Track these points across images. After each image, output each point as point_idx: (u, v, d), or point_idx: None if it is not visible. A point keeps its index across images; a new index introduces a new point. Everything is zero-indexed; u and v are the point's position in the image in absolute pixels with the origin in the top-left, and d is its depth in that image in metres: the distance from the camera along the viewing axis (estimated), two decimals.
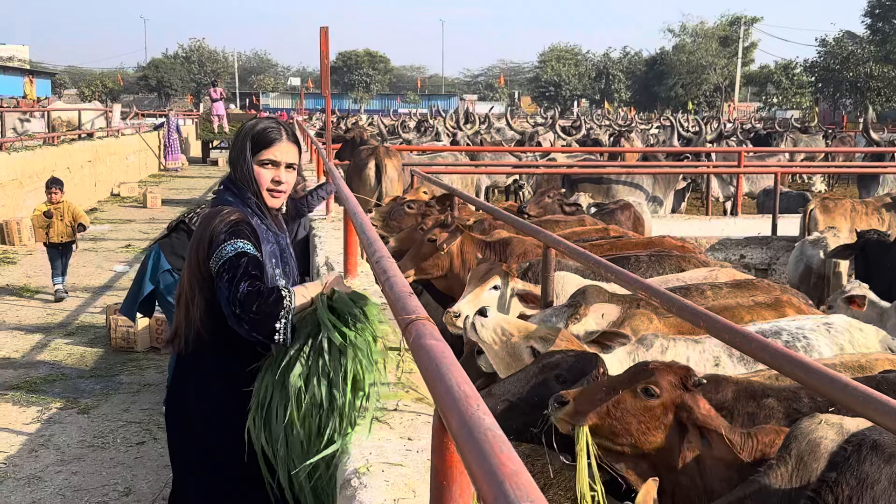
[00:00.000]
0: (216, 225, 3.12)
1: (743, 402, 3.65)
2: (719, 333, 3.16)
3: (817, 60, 62.41)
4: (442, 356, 1.81)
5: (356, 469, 2.59)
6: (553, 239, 5.30)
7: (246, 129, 3.36)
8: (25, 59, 68.17)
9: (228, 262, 3.02)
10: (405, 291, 2.49)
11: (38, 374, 7.68)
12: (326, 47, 8.36)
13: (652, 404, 3.08)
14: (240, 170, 3.30)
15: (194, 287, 3.19)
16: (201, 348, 3.22)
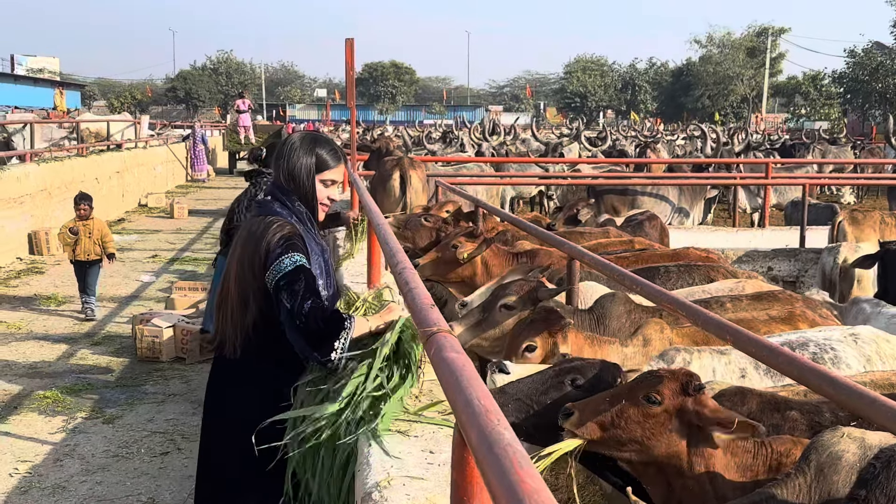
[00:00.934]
0: (271, 237, 3.19)
1: (768, 414, 3.61)
2: (746, 347, 3.12)
3: (846, 71, 61.86)
4: (462, 369, 1.79)
5: (377, 482, 2.57)
6: (577, 251, 5.27)
7: (308, 144, 3.44)
8: (56, 71, 69.04)
9: (289, 276, 3.11)
10: (427, 303, 2.47)
11: (65, 384, 7.73)
12: (352, 59, 8.41)
13: (655, 411, 3.07)
14: (300, 184, 3.39)
15: (247, 295, 3.25)
16: (249, 355, 3.30)
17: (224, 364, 3.40)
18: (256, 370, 3.32)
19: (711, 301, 5.03)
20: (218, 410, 3.44)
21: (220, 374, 3.46)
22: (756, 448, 3.22)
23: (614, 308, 4.71)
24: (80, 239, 10.06)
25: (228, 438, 3.35)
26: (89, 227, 10.17)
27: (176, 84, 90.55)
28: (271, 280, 3.15)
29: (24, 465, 6.01)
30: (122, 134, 24.66)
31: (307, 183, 3.40)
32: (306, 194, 3.40)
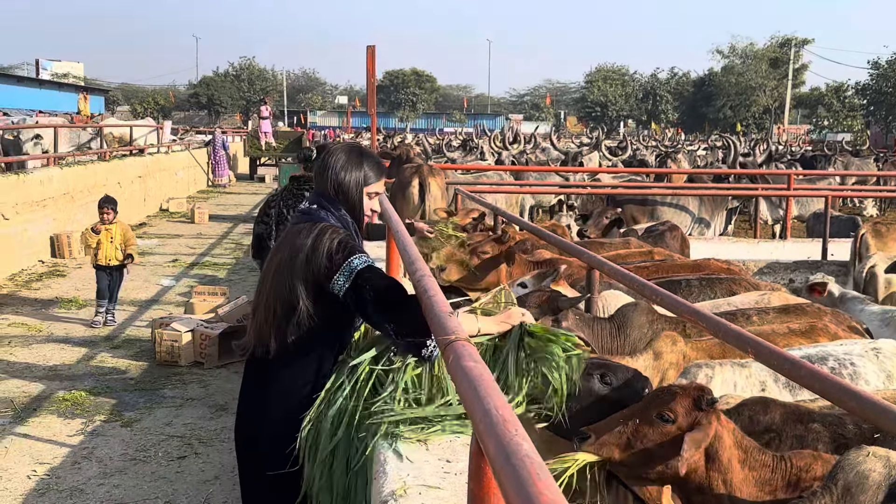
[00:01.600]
0: (330, 243, 3.23)
1: (791, 425, 3.59)
2: (767, 360, 3.09)
3: (869, 83, 61.50)
4: (480, 378, 1.78)
5: (393, 491, 2.56)
6: (597, 260, 5.25)
7: (356, 157, 3.49)
8: (80, 76, 69.63)
9: (366, 272, 3.16)
10: (445, 311, 2.47)
11: (84, 387, 7.76)
12: (373, 66, 8.44)
13: (669, 429, 3.04)
14: (349, 195, 3.44)
15: (296, 297, 3.25)
16: (284, 355, 3.32)
17: (258, 368, 3.43)
18: (291, 374, 3.35)
19: (738, 314, 4.99)
20: (252, 414, 3.47)
21: (254, 378, 3.48)
22: (775, 463, 3.19)
23: (636, 318, 4.69)
24: (101, 243, 9.86)
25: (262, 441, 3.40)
26: (111, 231, 9.95)
27: (198, 90, 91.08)
28: (343, 281, 3.17)
29: (42, 466, 6.04)
30: (146, 139, 24.83)
31: (355, 194, 3.45)
32: (354, 206, 3.45)
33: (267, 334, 3.33)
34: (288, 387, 3.34)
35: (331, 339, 3.36)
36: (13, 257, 12.93)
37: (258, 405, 3.43)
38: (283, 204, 5.81)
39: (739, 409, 3.56)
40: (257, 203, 23.93)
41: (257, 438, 3.43)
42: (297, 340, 3.30)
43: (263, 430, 3.40)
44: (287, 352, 3.32)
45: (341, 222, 3.39)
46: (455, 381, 1.89)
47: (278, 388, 3.36)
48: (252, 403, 3.47)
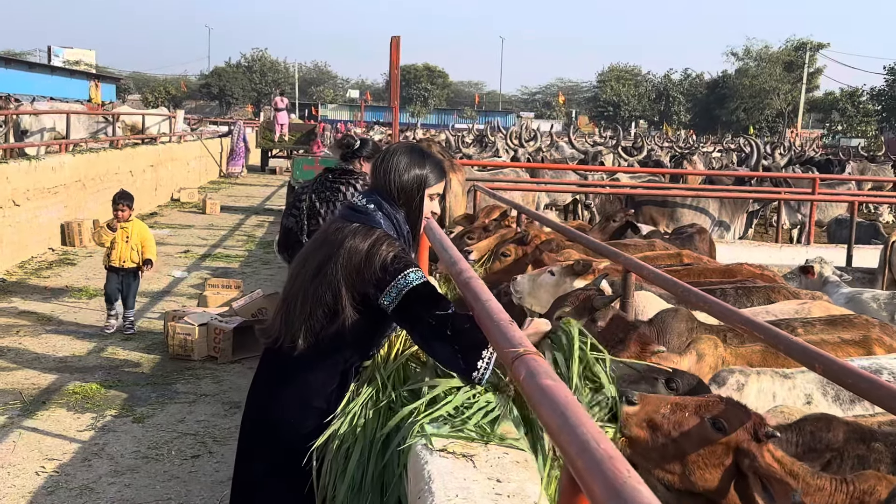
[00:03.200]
0: (385, 253, 3.11)
1: (853, 445, 3.38)
2: (838, 377, 2.87)
3: (884, 89, 61.07)
4: (568, 403, 1.57)
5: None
6: (634, 263, 5.03)
7: (418, 157, 3.37)
8: (92, 64, 69.45)
9: (421, 289, 3.05)
10: (505, 319, 2.26)
11: (94, 380, 7.57)
12: (397, 57, 8.21)
13: (715, 438, 2.82)
14: (410, 197, 3.32)
15: (339, 299, 3.14)
16: (310, 353, 3.20)
17: (278, 359, 3.31)
18: (313, 372, 3.24)
19: (781, 325, 4.76)
20: (264, 407, 3.36)
21: (272, 368, 3.36)
22: (834, 486, 2.96)
23: (676, 324, 4.47)
24: (115, 242, 9.06)
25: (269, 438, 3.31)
26: (127, 230, 9.10)
27: (210, 80, 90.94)
28: (395, 295, 3.06)
29: (52, 463, 5.85)
30: (158, 128, 24.67)
31: (416, 196, 3.33)
32: (414, 208, 3.34)
33: (298, 330, 3.19)
34: (311, 385, 3.24)
35: (363, 345, 3.28)
36: (23, 244, 12.76)
37: (275, 397, 3.31)
38: (315, 196, 5.59)
39: (801, 425, 3.35)
40: (269, 195, 23.75)
41: (273, 425, 3.30)
42: (329, 343, 3.20)
43: (276, 422, 3.29)
44: (316, 352, 3.21)
45: (395, 226, 3.29)
46: (532, 403, 1.68)
47: (300, 384, 3.25)
48: (269, 394, 3.34)
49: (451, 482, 2.51)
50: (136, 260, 9.13)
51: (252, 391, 3.47)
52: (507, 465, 2.64)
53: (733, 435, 2.85)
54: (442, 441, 2.79)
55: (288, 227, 5.96)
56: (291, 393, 3.26)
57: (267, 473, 3.32)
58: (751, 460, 2.80)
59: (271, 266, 13.02)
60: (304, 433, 3.18)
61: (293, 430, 3.21)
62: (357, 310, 3.14)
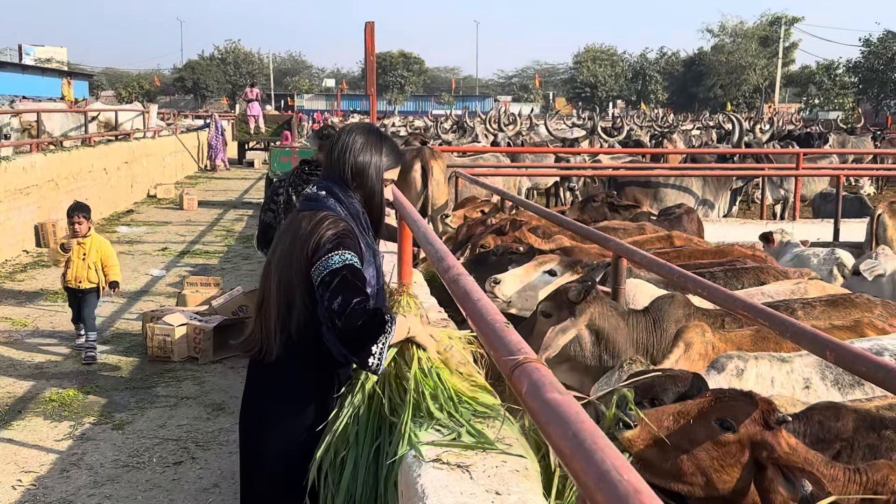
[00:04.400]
0: (323, 233, 3.01)
1: (864, 433, 3.24)
2: (852, 365, 2.70)
3: (861, 61, 61.22)
4: (580, 421, 1.38)
5: None
6: (625, 248, 4.86)
7: (376, 140, 3.24)
8: (64, 61, 68.66)
9: (335, 272, 2.93)
10: (500, 321, 2.06)
11: (72, 386, 7.34)
12: (372, 43, 7.99)
13: (727, 439, 2.67)
14: (368, 182, 3.18)
15: (294, 291, 3.06)
16: (292, 359, 3.12)
17: (263, 370, 3.20)
18: (299, 376, 3.14)
19: (780, 307, 4.60)
20: (258, 419, 3.24)
21: (260, 380, 3.26)
22: (847, 476, 2.81)
23: (673, 311, 4.30)
24: (71, 260, 8.03)
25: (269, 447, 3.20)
26: (84, 246, 8.07)
27: (184, 74, 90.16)
28: (316, 276, 2.96)
29: (29, 476, 5.62)
30: (132, 123, 24.30)
31: (375, 181, 3.19)
32: (373, 193, 3.19)
33: (276, 334, 3.09)
34: (301, 389, 3.14)
35: None
36: None
37: (263, 408, 3.21)
38: (291, 190, 5.40)
39: (809, 415, 3.20)
40: (247, 188, 23.46)
41: (262, 443, 3.20)
42: (307, 341, 3.07)
43: (268, 435, 3.18)
44: (297, 353, 3.10)
45: (350, 212, 3.15)
46: (539, 422, 1.49)
47: (290, 391, 3.15)
48: (257, 407, 3.25)
49: (446, 497, 2.33)
50: (94, 280, 8.09)
51: (244, 406, 3.34)
52: (507, 475, 2.46)
53: (744, 430, 2.69)
54: (435, 450, 2.61)
55: (266, 223, 5.77)
56: (283, 402, 3.15)
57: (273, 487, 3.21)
58: (769, 451, 2.65)
59: (251, 261, 12.78)
60: (304, 440, 3.09)
61: (292, 441, 3.12)
62: (310, 296, 3.03)
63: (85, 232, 8.11)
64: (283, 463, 3.16)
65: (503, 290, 5.02)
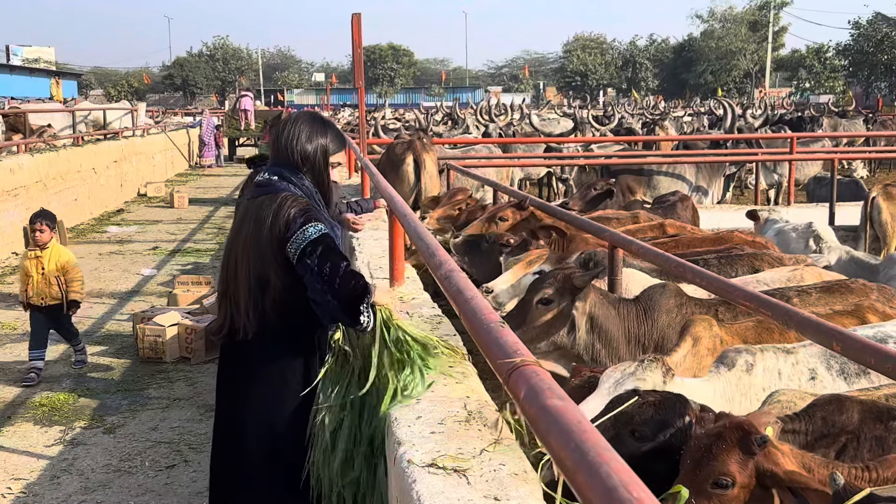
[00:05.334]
0: (288, 210, 3.17)
1: (869, 425, 3.14)
2: (861, 356, 2.61)
3: (850, 44, 61.15)
4: (583, 431, 1.28)
5: None
6: (621, 239, 4.77)
7: (319, 125, 3.43)
8: (52, 61, 68.40)
9: (316, 242, 3.10)
10: (494, 321, 1.96)
11: (62, 389, 7.23)
12: (359, 36, 7.87)
13: (731, 495, 2.54)
14: (315, 164, 3.36)
15: (267, 270, 3.20)
16: (265, 332, 3.24)
17: (237, 352, 3.34)
18: (277, 349, 3.27)
19: (775, 294, 4.50)
20: (234, 401, 3.36)
21: (233, 362, 3.38)
22: (853, 475, 2.72)
23: (664, 300, 4.21)
24: (29, 275, 7.37)
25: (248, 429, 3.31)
26: (42, 259, 7.35)
27: (172, 71, 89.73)
28: (295, 249, 3.13)
29: (18, 483, 5.51)
30: (120, 122, 24.11)
31: (321, 163, 3.37)
32: (321, 175, 3.38)
33: (246, 315, 3.23)
34: (278, 366, 3.27)
35: (308, 312, 3.22)
36: None
37: (243, 388, 3.32)
38: None
39: (810, 412, 3.10)
40: (238, 185, 23.31)
41: (248, 424, 3.30)
42: (278, 318, 3.23)
43: (253, 415, 3.29)
44: (270, 331, 3.24)
45: (304, 192, 3.32)
46: (538, 430, 1.39)
47: (267, 369, 3.28)
48: (235, 386, 3.35)
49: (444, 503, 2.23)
50: (56, 296, 7.36)
51: (219, 390, 3.47)
52: (505, 479, 2.36)
53: (739, 478, 2.55)
54: (429, 454, 2.51)
55: None
56: (261, 381, 3.27)
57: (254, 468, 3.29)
58: (771, 478, 2.53)
59: None
60: (286, 417, 3.23)
61: (273, 418, 3.24)
62: (283, 272, 3.18)
63: (46, 241, 7.42)
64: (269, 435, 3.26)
65: (498, 299, 4.92)
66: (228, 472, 3.39)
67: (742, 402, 3.72)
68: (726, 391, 3.71)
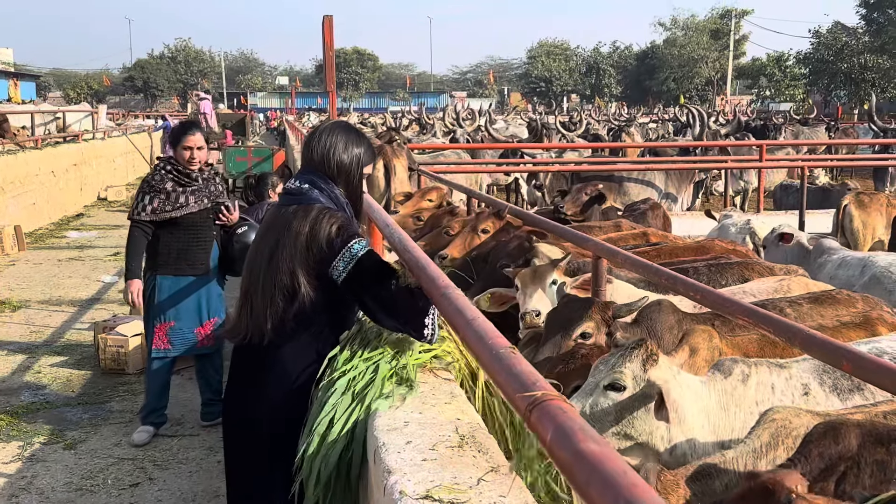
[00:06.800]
0: (328, 226, 3.14)
1: (870, 450, 3.00)
2: (877, 378, 2.47)
3: (811, 52, 61.93)
4: (631, 486, 1.12)
5: None
6: (606, 248, 4.62)
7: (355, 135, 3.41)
8: (10, 62, 67.12)
9: (366, 259, 3.10)
10: (504, 346, 1.80)
11: (20, 402, 6.95)
12: (331, 38, 7.68)
13: None
14: (351, 175, 3.34)
15: (297, 282, 3.17)
16: (288, 342, 3.23)
17: (251, 354, 3.33)
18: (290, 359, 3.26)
19: (767, 305, 4.39)
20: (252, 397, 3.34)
21: (248, 364, 3.37)
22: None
23: (665, 318, 4.07)
24: None
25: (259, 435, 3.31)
26: None
27: (133, 73, 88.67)
28: (343, 266, 3.11)
29: None
30: (80, 125, 23.64)
31: (356, 174, 3.35)
32: (355, 186, 3.36)
33: (264, 320, 3.23)
34: (289, 373, 3.26)
35: (331, 323, 3.28)
36: None
37: (258, 388, 3.31)
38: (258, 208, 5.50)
39: (806, 450, 2.94)
40: None
41: (259, 421, 3.30)
42: (297, 327, 3.23)
43: (265, 411, 3.29)
44: (286, 339, 3.24)
45: (336, 203, 3.30)
46: (576, 481, 1.23)
47: (279, 374, 3.27)
48: (251, 387, 3.34)
49: None
50: None
51: (229, 392, 3.49)
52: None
53: None
54: (423, 484, 2.34)
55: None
56: (272, 385, 3.27)
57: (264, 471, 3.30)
58: None
59: None
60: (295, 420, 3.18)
61: (282, 420, 3.23)
62: (313, 287, 3.17)
63: None
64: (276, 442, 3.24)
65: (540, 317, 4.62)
66: (242, 473, 3.42)
67: (737, 414, 3.60)
68: (722, 399, 3.59)
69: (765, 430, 3.23)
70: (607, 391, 3.25)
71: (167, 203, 5.91)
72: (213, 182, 6.20)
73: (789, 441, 3.19)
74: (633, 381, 3.24)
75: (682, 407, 3.27)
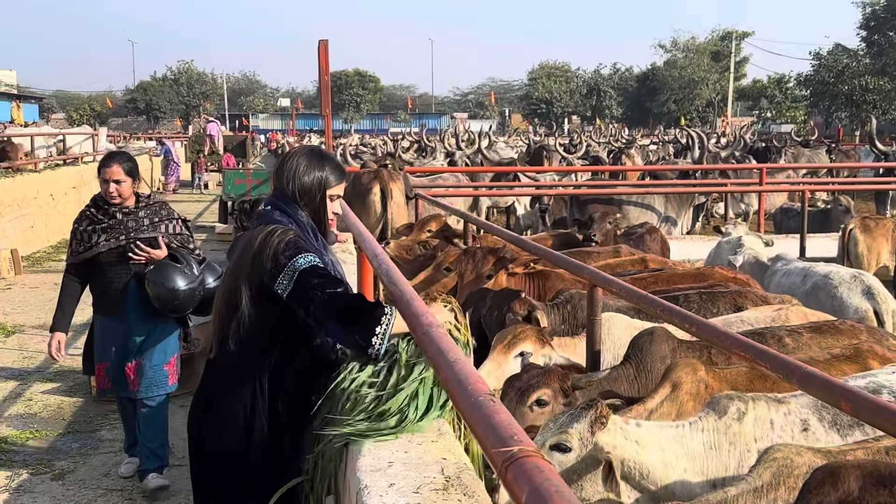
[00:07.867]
0: (275, 242, 3.15)
1: (871, 493, 2.89)
2: (877, 420, 2.38)
3: (811, 74, 62.06)
4: None
5: None
6: (601, 277, 4.54)
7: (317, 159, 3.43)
8: (13, 84, 67.35)
9: (309, 272, 3.07)
10: (484, 392, 1.71)
11: (10, 431, 6.84)
12: (326, 62, 7.63)
13: None
14: (312, 198, 3.37)
15: (239, 297, 3.20)
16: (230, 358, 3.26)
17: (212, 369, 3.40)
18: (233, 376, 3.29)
19: (766, 335, 4.30)
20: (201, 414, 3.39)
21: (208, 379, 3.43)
22: None
23: (657, 349, 3.98)
24: None
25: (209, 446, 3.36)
26: None
27: (136, 95, 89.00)
28: (287, 281, 3.09)
29: None
30: (80, 147, 23.65)
31: (318, 197, 3.39)
32: (317, 209, 3.40)
33: (223, 337, 3.29)
34: (226, 383, 3.31)
35: (275, 340, 3.26)
36: None
37: (208, 403, 3.38)
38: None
39: (805, 500, 2.85)
40: (201, 211, 22.89)
41: (203, 425, 3.38)
42: (245, 346, 3.24)
43: (208, 420, 3.36)
44: (236, 356, 3.27)
45: (297, 223, 3.35)
46: None
47: (224, 390, 3.31)
48: (204, 401, 3.41)
49: None
50: None
51: (194, 402, 3.52)
52: None
53: None
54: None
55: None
56: (218, 398, 3.32)
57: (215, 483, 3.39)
58: None
59: None
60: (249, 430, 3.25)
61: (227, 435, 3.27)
62: (258, 305, 3.19)
63: None
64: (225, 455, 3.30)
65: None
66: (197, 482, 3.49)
67: (731, 452, 3.53)
68: (713, 439, 3.50)
69: (766, 469, 3.15)
70: (552, 451, 3.18)
71: (80, 244, 5.59)
72: (136, 217, 5.74)
73: (791, 481, 3.10)
74: (579, 442, 3.17)
75: (643, 464, 3.20)
